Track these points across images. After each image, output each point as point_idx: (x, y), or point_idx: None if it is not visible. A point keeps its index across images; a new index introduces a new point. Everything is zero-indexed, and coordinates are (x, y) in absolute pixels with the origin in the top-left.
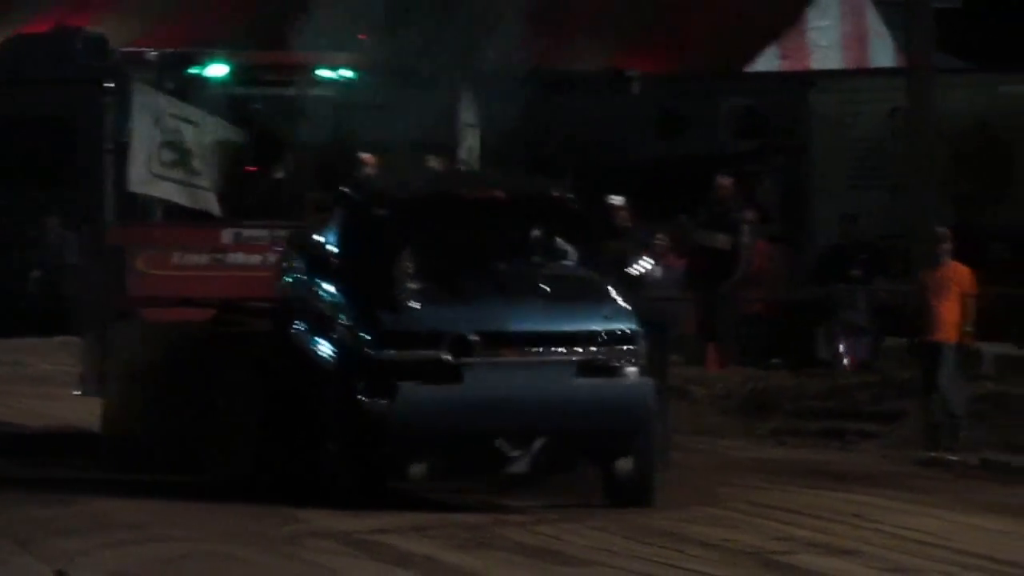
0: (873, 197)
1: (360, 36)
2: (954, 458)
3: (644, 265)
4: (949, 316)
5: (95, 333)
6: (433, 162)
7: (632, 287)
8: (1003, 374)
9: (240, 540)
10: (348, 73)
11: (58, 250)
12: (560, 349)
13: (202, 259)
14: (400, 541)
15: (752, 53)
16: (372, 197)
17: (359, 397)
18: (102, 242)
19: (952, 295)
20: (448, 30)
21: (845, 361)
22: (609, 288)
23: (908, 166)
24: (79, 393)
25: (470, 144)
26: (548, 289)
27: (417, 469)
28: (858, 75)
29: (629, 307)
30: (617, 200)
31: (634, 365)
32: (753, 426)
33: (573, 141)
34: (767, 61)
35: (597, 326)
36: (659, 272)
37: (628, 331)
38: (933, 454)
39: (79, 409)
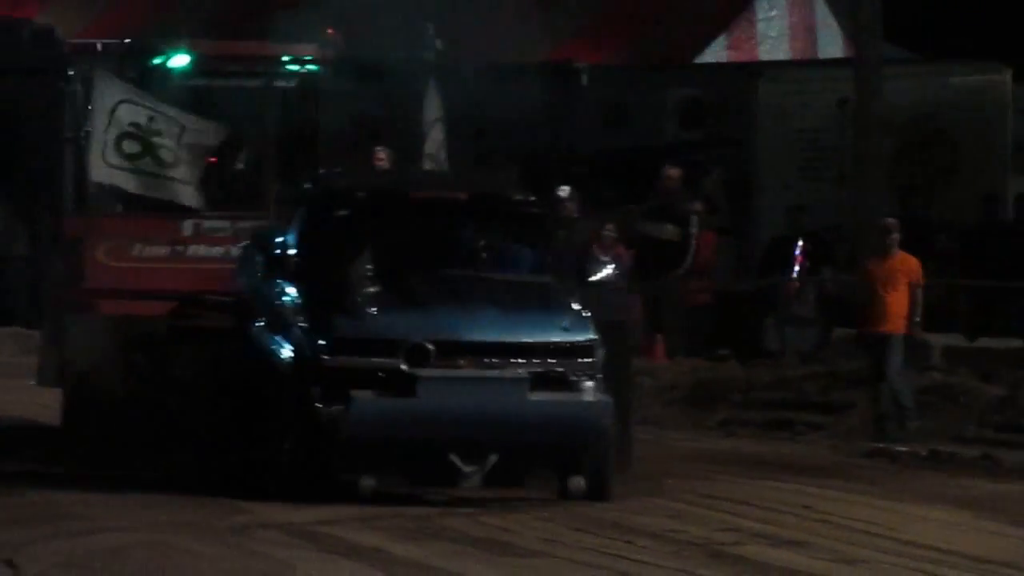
0: (820, 188)
1: (329, 31)
2: (902, 449)
3: (606, 270)
4: (897, 307)
5: (53, 325)
6: (383, 154)
7: (592, 292)
8: (951, 365)
9: (187, 531)
10: (312, 65)
11: (6, 241)
12: (516, 360)
13: (162, 251)
14: (347, 532)
15: (700, 44)
16: (331, 196)
17: (312, 403)
18: (60, 233)
19: (900, 286)
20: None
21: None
22: (568, 296)
23: (855, 157)
24: (34, 383)
25: (436, 138)
26: (506, 297)
27: (368, 482)
28: (806, 66)
29: (588, 316)
30: (564, 191)
31: (591, 379)
32: (700, 417)
33: (520, 132)
34: (715, 52)
35: (555, 337)
36: (616, 272)
37: (586, 343)
38: (881, 445)
39: (26, 400)
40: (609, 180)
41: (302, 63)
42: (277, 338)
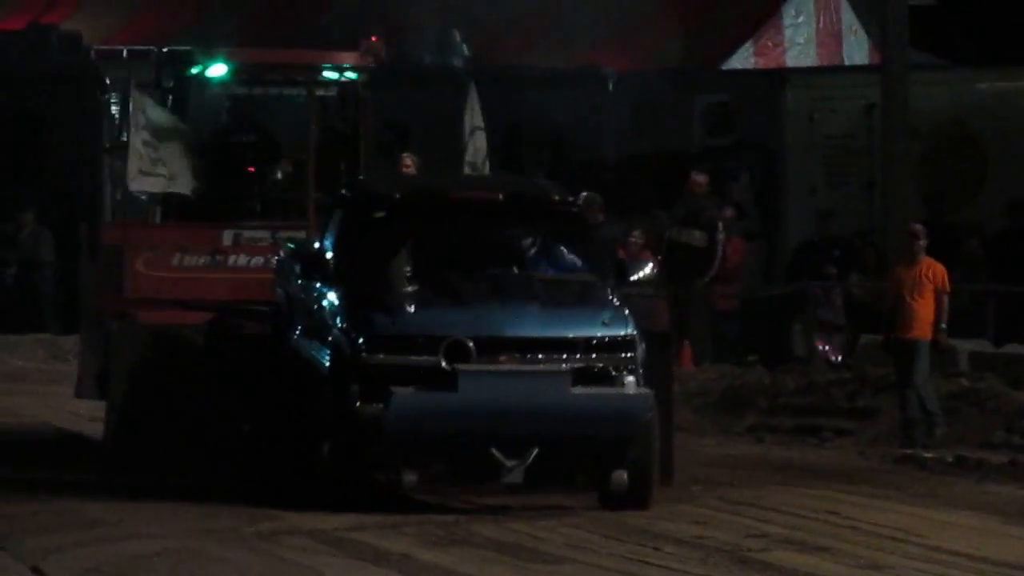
0: (848, 194)
1: (372, 38)
2: (929, 455)
3: (646, 269)
4: (924, 313)
5: (92, 335)
6: (409, 160)
7: (633, 292)
8: (978, 371)
9: (215, 537)
10: (352, 72)
11: (33, 246)
12: (557, 355)
13: (201, 260)
14: (375, 538)
15: (727, 50)
16: (368, 198)
17: (353, 401)
18: (99, 242)
19: (927, 292)
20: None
21: (826, 348)
22: (607, 292)
23: (883, 163)
24: (76, 395)
25: (477, 146)
26: (545, 293)
27: (410, 477)
28: (833, 72)
29: (627, 311)
30: (583, 196)
31: (632, 373)
32: (728, 423)
33: (548, 137)
34: (742, 58)
35: (595, 332)
36: (655, 271)
37: (626, 337)
38: (908, 451)
39: (55, 407)
40: (637, 185)
41: (342, 71)
42: (316, 340)
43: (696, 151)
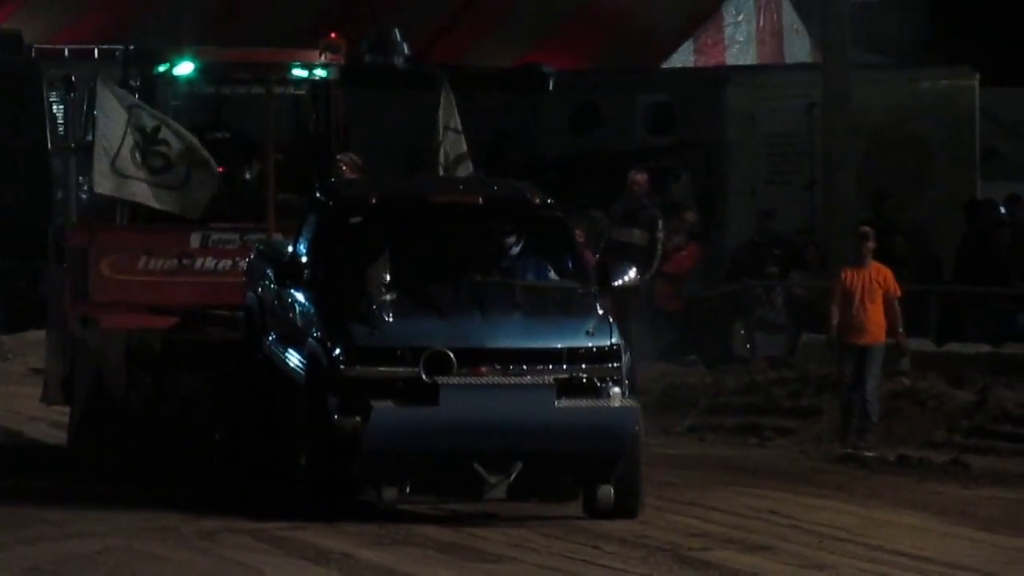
0: (789, 193)
1: (331, 35)
2: (871, 454)
3: (629, 274)
4: (877, 317)
5: (58, 340)
6: (346, 161)
7: (617, 298)
8: (920, 370)
9: (157, 537)
10: (320, 72)
11: None
12: (541, 367)
13: (169, 263)
14: (316, 538)
15: (668, 49)
16: (344, 203)
17: (330, 415)
18: (64, 245)
19: (878, 296)
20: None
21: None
22: (591, 300)
23: (825, 162)
24: (42, 401)
25: (450, 147)
26: (528, 302)
27: (390, 492)
28: (774, 70)
29: (612, 320)
30: None
31: (617, 384)
32: (669, 422)
33: (488, 136)
34: (682, 57)
35: (580, 342)
36: (638, 277)
37: (612, 347)
38: (850, 450)
39: None
40: (578, 185)
41: (312, 69)
42: (291, 349)
43: (637, 150)
